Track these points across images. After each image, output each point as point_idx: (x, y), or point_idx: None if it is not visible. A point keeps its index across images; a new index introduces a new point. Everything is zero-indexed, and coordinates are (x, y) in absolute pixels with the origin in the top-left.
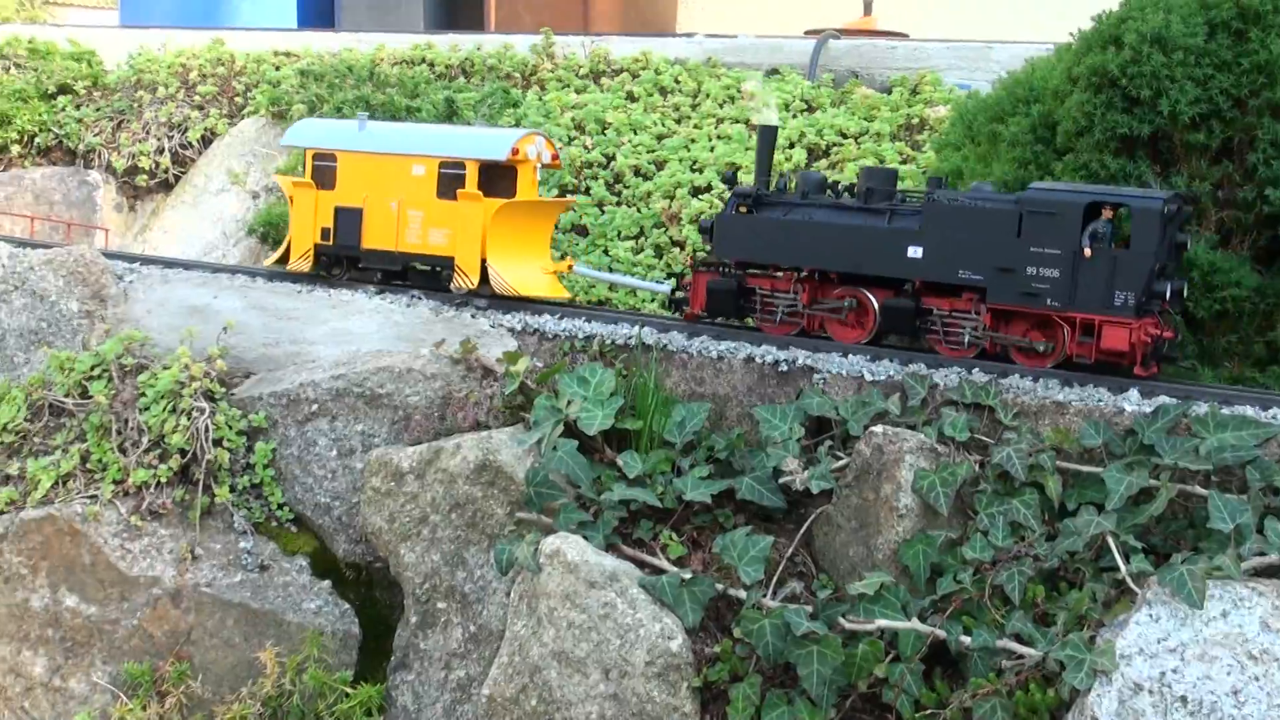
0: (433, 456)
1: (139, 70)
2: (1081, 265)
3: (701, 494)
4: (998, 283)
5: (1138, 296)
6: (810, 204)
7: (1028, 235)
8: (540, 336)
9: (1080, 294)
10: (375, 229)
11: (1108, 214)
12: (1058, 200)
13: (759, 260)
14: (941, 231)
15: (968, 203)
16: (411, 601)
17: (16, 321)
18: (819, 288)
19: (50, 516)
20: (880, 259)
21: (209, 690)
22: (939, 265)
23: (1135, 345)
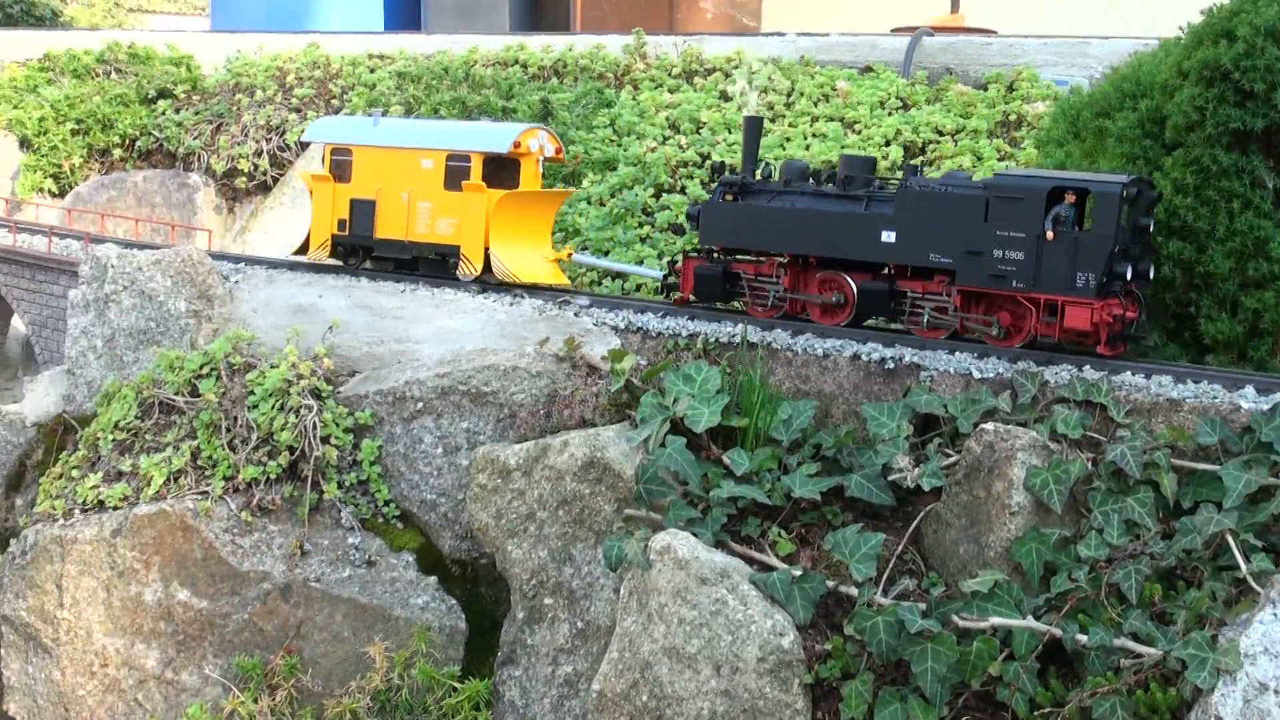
0: (540, 453)
1: (236, 74)
2: (1045, 248)
3: (810, 491)
4: (966, 265)
5: (1098, 278)
6: (792, 191)
7: (994, 219)
8: (643, 334)
9: (1044, 276)
10: (387, 220)
11: (1070, 198)
12: (1022, 185)
13: (743, 246)
14: (913, 216)
15: (938, 188)
16: (518, 597)
17: (125, 321)
18: (801, 272)
19: (163, 512)
20: (856, 244)
21: (318, 684)
22: (911, 249)
23: (1098, 325)
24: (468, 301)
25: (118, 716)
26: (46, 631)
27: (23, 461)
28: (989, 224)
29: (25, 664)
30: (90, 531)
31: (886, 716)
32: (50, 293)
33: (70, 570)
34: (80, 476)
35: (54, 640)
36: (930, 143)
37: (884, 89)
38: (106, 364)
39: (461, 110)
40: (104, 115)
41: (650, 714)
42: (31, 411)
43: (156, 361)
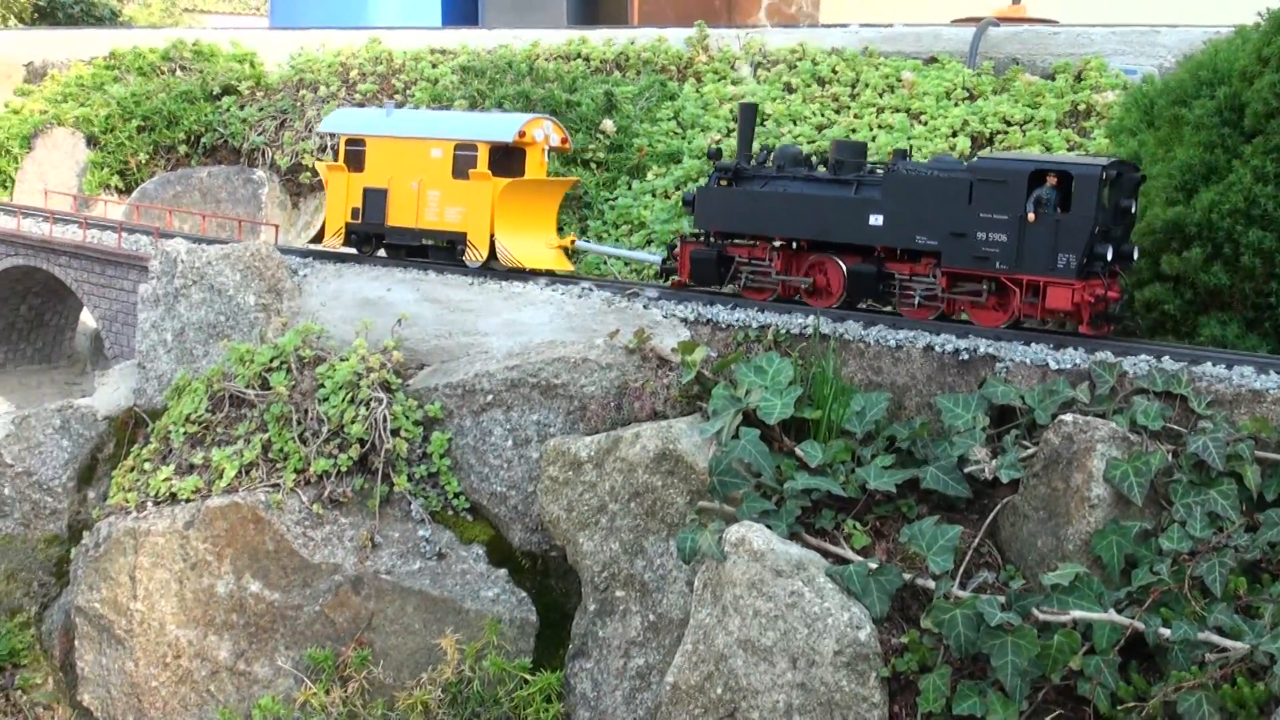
0: (611, 445)
1: (300, 70)
2: (1027, 230)
3: (885, 483)
4: (951, 247)
5: (1079, 258)
6: (784, 177)
7: (978, 202)
8: (713, 326)
9: (1026, 257)
10: (398, 208)
11: (1051, 181)
12: (1005, 169)
13: (736, 230)
14: (900, 200)
15: (924, 172)
16: (590, 590)
17: (195, 315)
18: (793, 256)
19: (235, 504)
20: (845, 227)
21: (390, 676)
22: (898, 232)
23: (1079, 305)
24: (536, 294)
25: (190, 708)
26: (120, 623)
27: (94, 455)
28: (973, 207)
29: (99, 655)
30: (163, 524)
31: (965, 710)
32: (120, 288)
33: (143, 562)
34: (152, 469)
35: (127, 631)
36: (998, 133)
37: (950, 79)
38: (176, 358)
39: (525, 104)
40: (169, 112)
41: (725, 707)
42: (102, 405)
43: (226, 355)
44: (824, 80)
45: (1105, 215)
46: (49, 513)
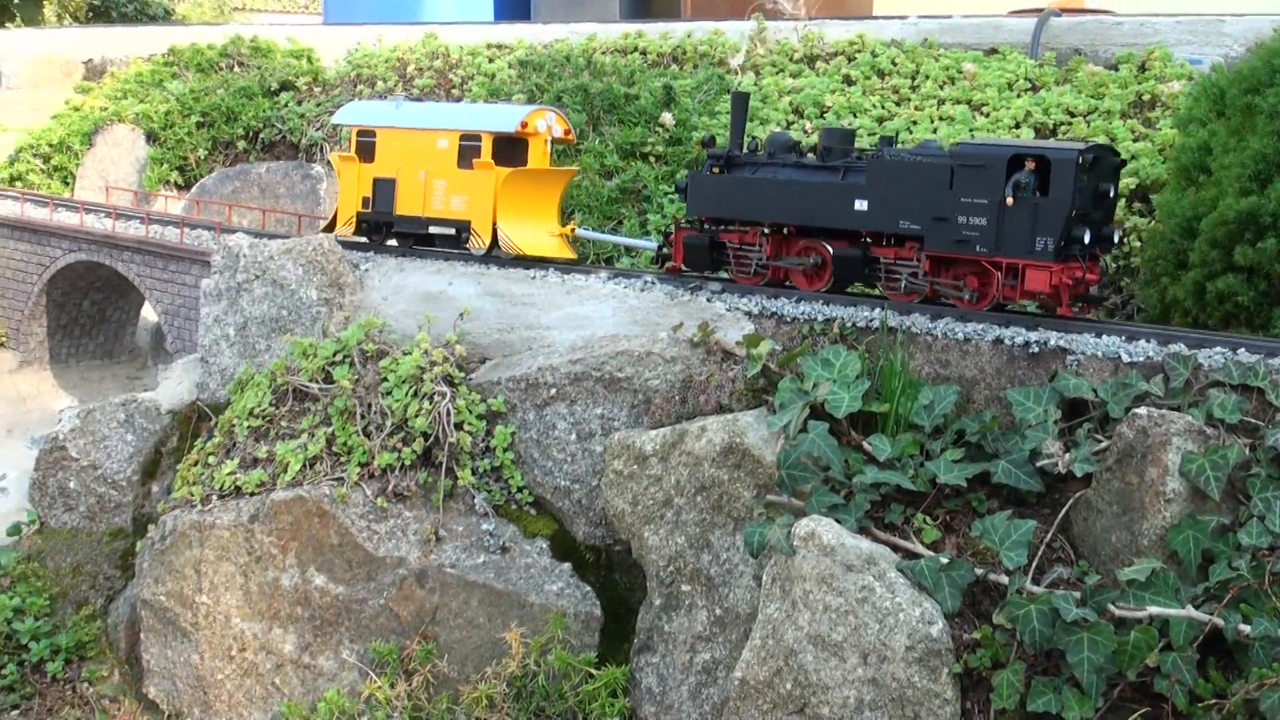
0: (677, 439)
1: (357, 65)
2: (1006, 214)
3: (956, 477)
4: (934, 231)
5: (1057, 241)
6: (775, 163)
7: (959, 187)
8: (777, 320)
9: (1005, 240)
10: (406, 197)
11: (1030, 166)
12: (984, 154)
13: (727, 216)
14: (884, 185)
15: (907, 158)
16: (655, 584)
17: (258, 310)
18: (783, 241)
19: (299, 498)
20: (832, 212)
21: (454, 669)
22: (882, 217)
23: (1057, 287)
24: (598, 287)
25: (255, 701)
26: (185, 616)
27: (158, 449)
28: (954, 191)
29: (164, 648)
30: (228, 517)
31: (1040, 707)
32: (182, 282)
33: (209, 555)
34: (217, 463)
35: (192, 625)
36: (1061, 124)
37: (1011, 70)
38: (239, 352)
39: (584, 97)
40: (228, 108)
41: (794, 702)
42: (166, 399)
43: (290, 349)
44: (883, 72)
45: (1083, 199)
46: (113, 506)
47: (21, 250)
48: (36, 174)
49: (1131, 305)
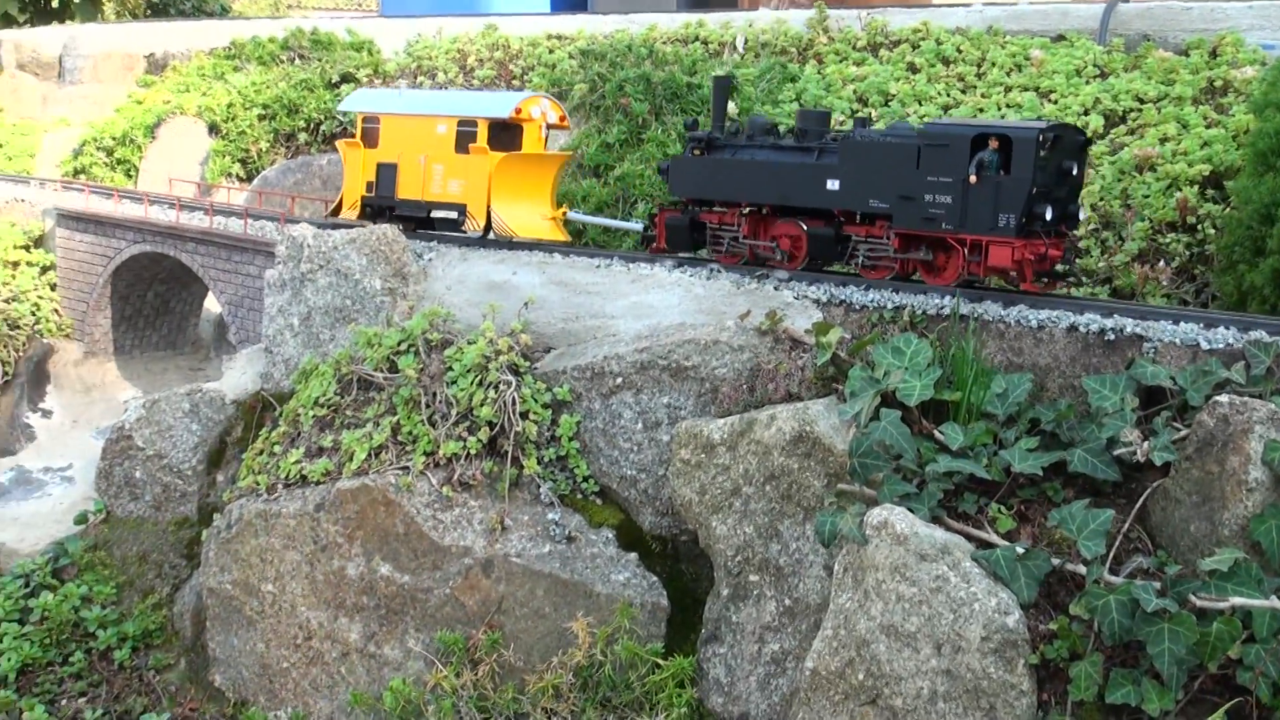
0: (745, 428)
1: (417, 57)
2: (970, 192)
3: (1031, 466)
4: (902, 210)
5: (1018, 218)
6: (753, 145)
7: (925, 166)
8: (846, 307)
9: (970, 217)
10: (407, 181)
11: (993, 145)
12: (949, 133)
13: (707, 197)
14: (854, 165)
15: (876, 138)
16: (723, 574)
17: (322, 300)
18: (760, 220)
19: (365, 487)
20: (805, 192)
21: (520, 659)
22: (853, 196)
23: (1020, 263)
24: (663, 276)
25: (321, 689)
26: (251, 604)
27: (223, 438)
28: (920, 170)
29: (230, 636)
30: (294, 506)
31: (1119, 699)
32: (245, 273)
33: (274, 544)
34: (282, 452)
35: (258, 613)
36: (1131, 111)
37: (1080, 57)
38: (303, 342)
39: (646, 86)
40: (289, 100)
41: (866, 693)
42: (230, 389)
43: (354, 338)
44: (948, 60)
45: (1045, 177)
46: (179, 495)
47: (87, 242)
48: (100, 167)
49: (1206, 293)
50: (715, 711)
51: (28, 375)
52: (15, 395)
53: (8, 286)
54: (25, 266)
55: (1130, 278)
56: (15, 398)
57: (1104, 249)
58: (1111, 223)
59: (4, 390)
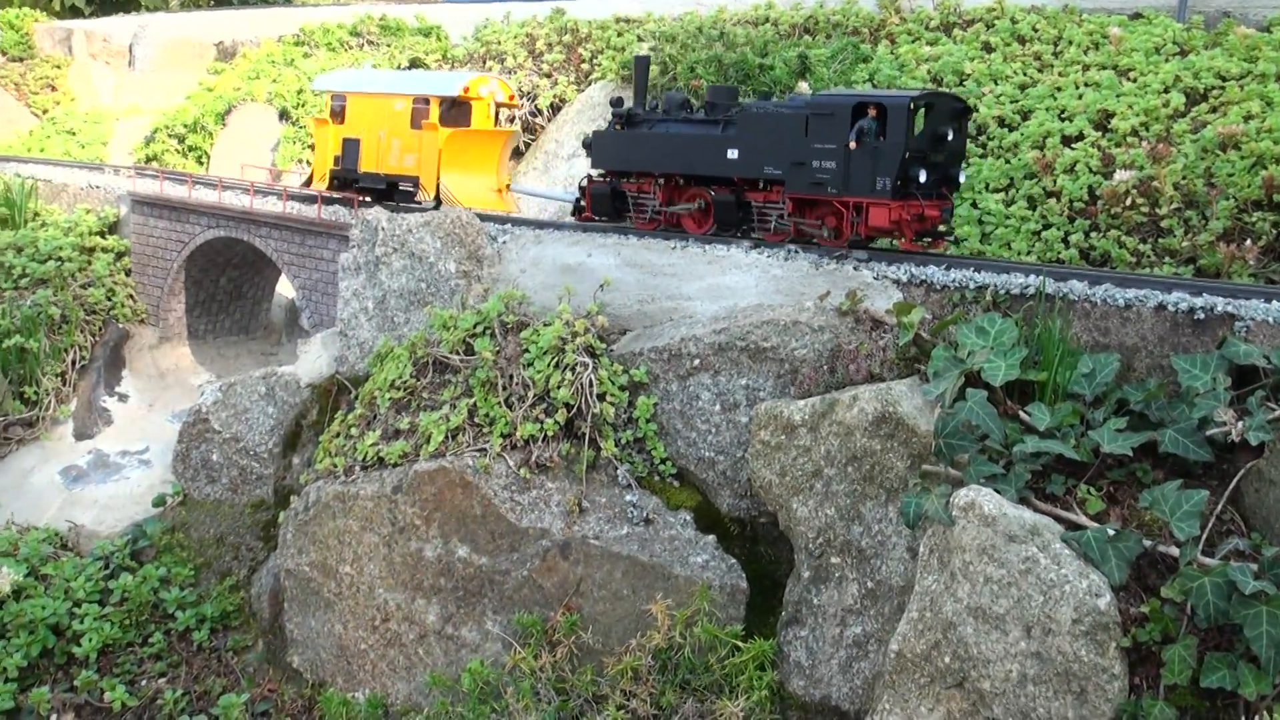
0: (827, 409)
1: (485, 42)
2: (850, 157)
3: (1121, 446)
4: (793, 175)
5: (893, 181)
6: (667, 119)
7: (812, 134)
8: (927, 287)
9: (851, 181)
10: (369, 155)
11: (872, 113)
12: (832, 103)
13: (626, 168)
14: (751, 135)
15: (770, 109)
16: (804, 556)
17: (396, 283)
18: (674, 189)
19: (442, 469)
20: (710, 161)
21: (598, 641)
22: (750, 163)
23: (898, 223)
24: (740, 257)
25: (398, 671)
26: (329, 586)
27: (298, 421)
28: (809, 138)
29: (307, 618)
30: (371, 488)
31: (1214, 683)
32: (319, 257)
33: (352, 526)
34: (359, 434)
35: (336, 595)
36: (1213, 89)
37: (1158, 35)
38: (378, 325)
39: (718, 68)
40: None
41: (953, 676)
42: (305, 373)
43: (430, 321)
44: (1024, 38)
45: (920, 142)
46: (255, 478)
47: (161, 228)
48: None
49: None
50: (796, 694)
51: (104, 360)
52: (92, 379)
53: (84, 272)
54: (101, 252)
55: (1215, 257)
56: (92, 382)
57: (1188, 229)
58: (1195, 202)
59: (81, 375)
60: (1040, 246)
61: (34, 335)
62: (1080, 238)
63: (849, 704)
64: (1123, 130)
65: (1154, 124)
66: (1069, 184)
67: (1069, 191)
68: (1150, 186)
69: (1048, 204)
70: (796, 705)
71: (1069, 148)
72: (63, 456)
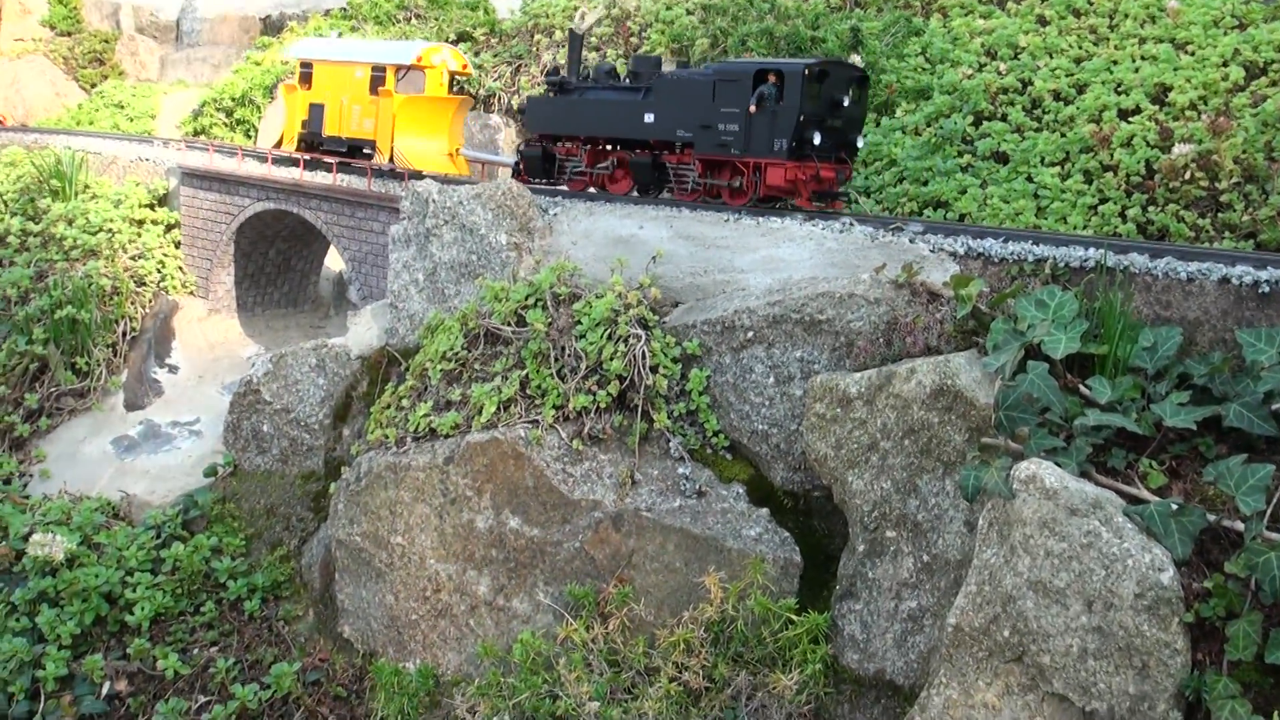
0: (883, 382)
1: (533, 15)
2: (751, 120)
3: (1184, 420)
4: (702, 138)
5: (788, 143)
6: (594, 87)
7: (719, 99)
8: (984, 260)
9: (752, 143)
10: (332, 119)
11: (771, 79)
12: (736, 70)
13: (556, 132)
14: (665, 101)
15: (682, 76)
16: (858, 530)
17: (447, 255)
18: (598, 152)
19: (495, 440)
20: (629, 126)
21: (650, 613)
22: (664, 127)
23: (794, 182)
24: (795, 229)
25: (449, 641)
26: (380, 556)
27: (348, 393)
28: (715, 103)
29: (359, 588)
30: (423, 459)
31: (1279, 659)
32: (369, 229)
33: (404, 497)
34: (410, 405)
35: (387, 565)
36: (1273, 62)
37: (1217, 7)
38: (428, 297)
39: (769, 40)
40: None
41: (1012, 649)
42: (355, 345)
43: (481, 293)
44: (1079, 11)
45: (816, 106)
46: (305, 449)
47: (211, 200)
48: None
49: None
50: (850, 668)
51: (154, 331)
52: (143, 351)
53: (134, 244)
54: (150, 225)
55: (1277, 231)
56: (143, 353)
57: (1248, 203)
58: (1255, 176)
59: (132, 346)
60: (1097, 221)
61: (85, 306)
62: (1138, 212)
63: (903, 678)
64: (1180, 104)
65: (1213, 98)
66: (1126, 158)
67: (1126, 165)
68: (1210, 160)
69: (1104, 178)
70: (850, 679)
71: (1126, 121)
72: (114, 427)
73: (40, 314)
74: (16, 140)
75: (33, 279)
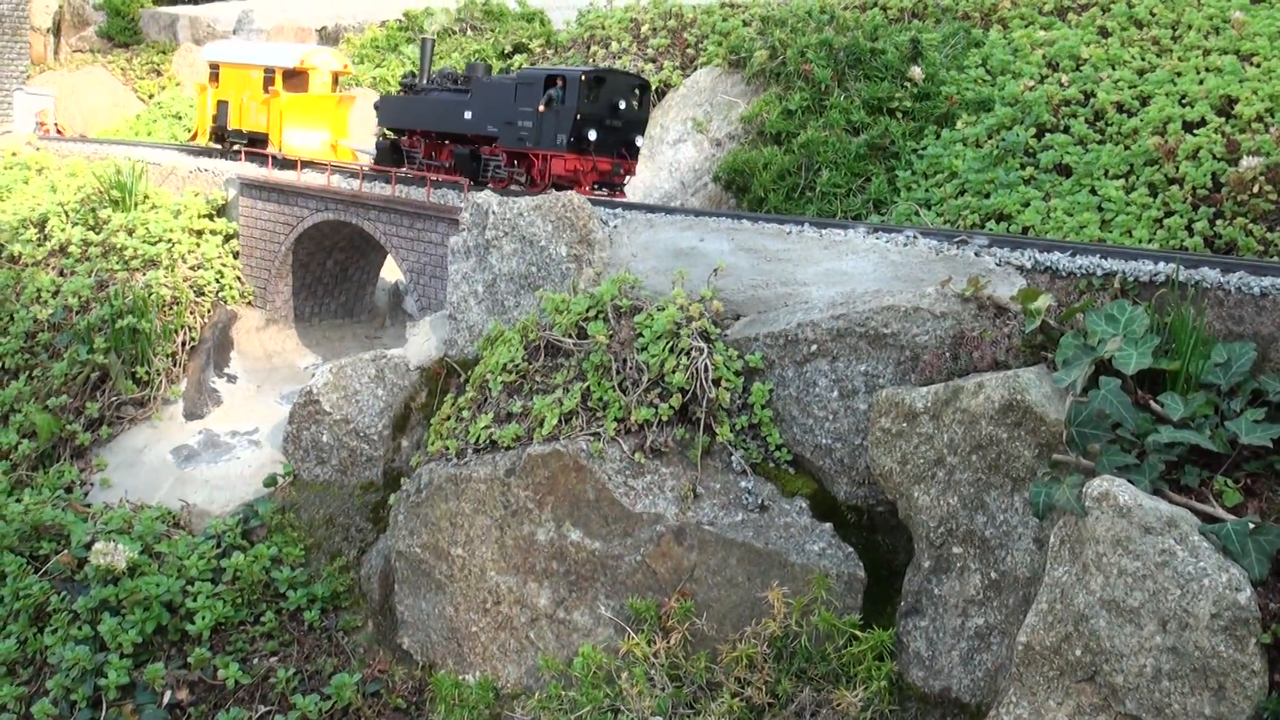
0: (951, 396)
1: (589, 27)
2: (541, 118)
3: (1260, 437)
4: (506, 133)
5: (569, 138)
6: (434, 88)
7: (519, 100)
8: (1051, 274)
9: (542, 138)
10: (235, 114)
11: (560, 83)
12: (532, 75)
13: (401, 127)
14: (480, 100)
15: (495, 80)
16: (924, 545)
17: (507, 266)
18: (434, 145)
19: (556, 452)
20: (454, 122)
21: (712, 628)
22: (479, 124)
23: (575, 172)
24: (858, 242)
25: (509, 654)
26: (440, 568)
27: (407, 404)
28: (516, 103)
29: (418, 600)
30: (484, 470)
31: None
32: (428, 240)
33: (464, 508)
34: (471, 417)
35: (447, 577)
36: None
37: None
38: (488, 309)
39: (828, 52)
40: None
41: (1084, 669)
42: (414, 356)
43: (542, 304)
44: (1141, 23)
45: (592, 108)
46: (365, 460)
47: (269, 210)
48: None
49: None
50: (915, 685)
51: (213, 341)
52: (202, 360)
53: (193, 254)
54: (209, 235)
55: None
56: (202, 363)
57: None
58: None
59: (191, 355)
60: (1162, 234)
61: (145, 316)
62: (1204, 225)
63: (970, 696)
64: (1247, 116)
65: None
66: (1192, 170)
67: (1192, 178)
68: (1279, 173)
69: (1170, 191)
70: (916, 696)
71: (1191, 134)
72: (173, 436)
73: (101, 323)
74: (77, 151)
75: (94, 288)
